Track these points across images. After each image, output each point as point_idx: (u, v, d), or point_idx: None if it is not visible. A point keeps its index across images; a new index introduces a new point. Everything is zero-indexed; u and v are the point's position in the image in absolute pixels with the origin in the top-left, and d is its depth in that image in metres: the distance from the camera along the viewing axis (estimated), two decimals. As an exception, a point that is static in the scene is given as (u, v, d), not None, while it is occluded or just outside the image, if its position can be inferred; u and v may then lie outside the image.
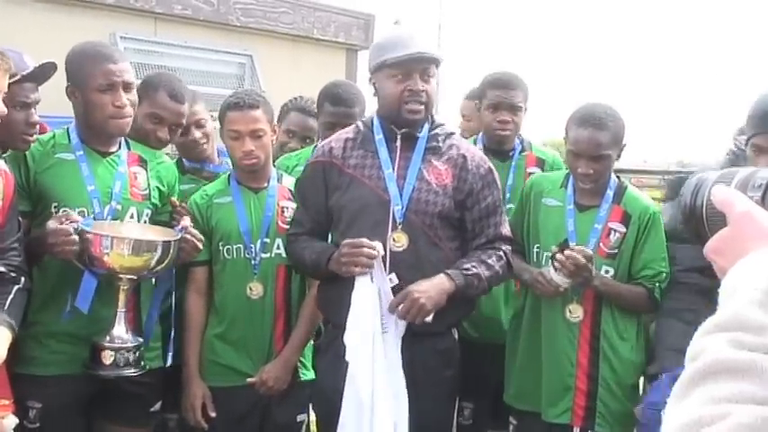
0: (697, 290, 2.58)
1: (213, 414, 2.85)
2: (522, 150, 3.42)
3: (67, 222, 2.39)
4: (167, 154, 3.24)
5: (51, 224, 2.40)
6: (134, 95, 2.67)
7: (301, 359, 2.96)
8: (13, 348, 2.39)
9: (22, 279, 2.38)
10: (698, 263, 2.32)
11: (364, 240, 2.52)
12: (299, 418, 2.96)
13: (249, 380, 2.85)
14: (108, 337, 2.54)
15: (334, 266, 2.57)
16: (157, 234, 2.63)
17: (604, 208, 2.84)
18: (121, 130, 2.66)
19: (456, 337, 2.81)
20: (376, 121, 2.75)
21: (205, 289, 2.91)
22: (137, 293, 2.70)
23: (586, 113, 2.80)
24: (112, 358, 2.52)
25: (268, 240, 2.88)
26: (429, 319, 2.53)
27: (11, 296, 2.32)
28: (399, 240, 2.62)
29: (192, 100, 3.10)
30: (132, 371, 2.56)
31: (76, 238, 2.38)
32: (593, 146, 2.74)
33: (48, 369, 2.56)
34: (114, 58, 2.64)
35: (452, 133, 2.83)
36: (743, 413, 0.64)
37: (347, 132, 2.81)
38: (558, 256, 2.67)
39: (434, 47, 2.75)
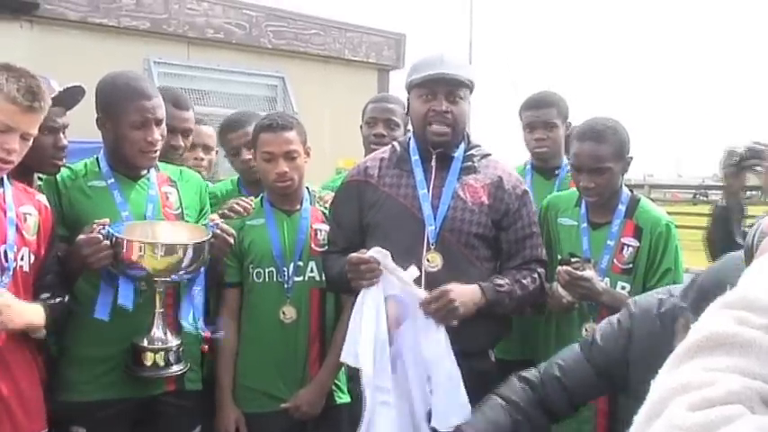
0: None
1: (247, 439, 2.82)
2: (569, 171, 3.44)
3: (97, 228, 2.40)
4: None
5: (81, 236, 2.42)
6: (164, 129, 2.68)
7: (336, 382, 2.93)
8: (54, 376, 2.44)
9: (65, 297, 2.42)
10: None
11: (362, 256, 2.51)
12: (336, 442, 2.92)
13: (283, 405, 2.82)
14: (146, 340, 2.54)
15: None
16: (189, 231, 2.63)
17: (616, 224, 2.83)
18: (150, 165, 2.69)
19: (493, 359, 2.77)
20: (412, 143, 2.76)
21: (237, 312, 2.89)
22: (175, 291, 2.69)
23: (586, 127, 2.82)
24: (152, 360, 2.53)
25: (301, 263, 2.86)
26: (455, 322, 2.50)
27: (54, 300, 2.36)
28: (434, 260, 2.59)
29: (248, 121, 3.28)
30: (173, 369, 2.57)
31: (108, 243, 2.40)
32: (593, 158, 2.75)
33: (91, 395, 2.56)
34: (148, 93, 2.63)
35: (489, 154, 2.81)
36: (732, 381, 0.65)
37: (383, 152, 2.83)
38: (559, 268, 2.70)
39: (467, 69, 2.74)
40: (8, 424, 2.22)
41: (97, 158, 2.71)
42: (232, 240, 2.66)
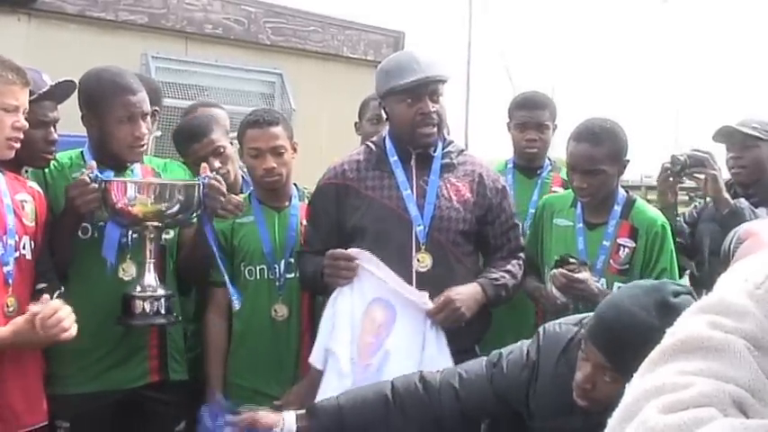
0: None
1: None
2: (552, 171, 3.50)
3: (86, 173, 2.40)
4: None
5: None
6: (149, 122, 2.68)
7: (328, 379, 2.93)
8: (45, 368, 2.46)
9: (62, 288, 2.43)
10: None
11: (344, 251, 2.54)
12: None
13: (276, 402, 2.82)
14: (138, 287, 2.54)
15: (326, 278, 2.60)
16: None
17: (612, 224, 2.85)
18: (138, 159, 2.69)
19: (479, 353, 2.77)
20: (388, 143, 2.76)
21: (227, 310, 2.88)
22: (162, 251, 2.69)
23: (583, 128, 2.83)
24: (142, 307, 2.52)
25: (292, 260, 2.86)
26: (463, 324, 2.56)
27: (53, 292, 2.35)
28: (424, 261, 2.62)
29: (209, 127, 3.09)
30: (162, 320, 2.57)
31: (95, 186, 2.39)
32: (587, 159, 2.77)
33: (74, 388, 2.57)
34: (133, 88, 2.60)
35: (463, 150, 2.85)
36: (706, 384, 0.65)
37: (357, 153, 2.83)
38: (554, 270, 2.72)
39: (442, 64, 2.75)
40: (11, 416, 2.26)
41: (82, 152, 2.71)
42: (225, 189, 2.61)
